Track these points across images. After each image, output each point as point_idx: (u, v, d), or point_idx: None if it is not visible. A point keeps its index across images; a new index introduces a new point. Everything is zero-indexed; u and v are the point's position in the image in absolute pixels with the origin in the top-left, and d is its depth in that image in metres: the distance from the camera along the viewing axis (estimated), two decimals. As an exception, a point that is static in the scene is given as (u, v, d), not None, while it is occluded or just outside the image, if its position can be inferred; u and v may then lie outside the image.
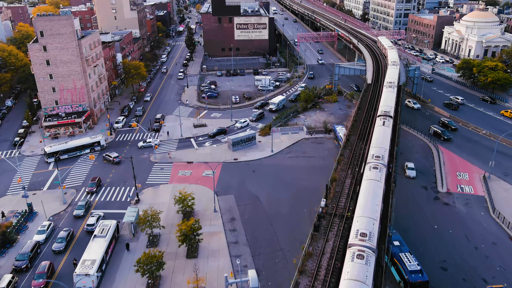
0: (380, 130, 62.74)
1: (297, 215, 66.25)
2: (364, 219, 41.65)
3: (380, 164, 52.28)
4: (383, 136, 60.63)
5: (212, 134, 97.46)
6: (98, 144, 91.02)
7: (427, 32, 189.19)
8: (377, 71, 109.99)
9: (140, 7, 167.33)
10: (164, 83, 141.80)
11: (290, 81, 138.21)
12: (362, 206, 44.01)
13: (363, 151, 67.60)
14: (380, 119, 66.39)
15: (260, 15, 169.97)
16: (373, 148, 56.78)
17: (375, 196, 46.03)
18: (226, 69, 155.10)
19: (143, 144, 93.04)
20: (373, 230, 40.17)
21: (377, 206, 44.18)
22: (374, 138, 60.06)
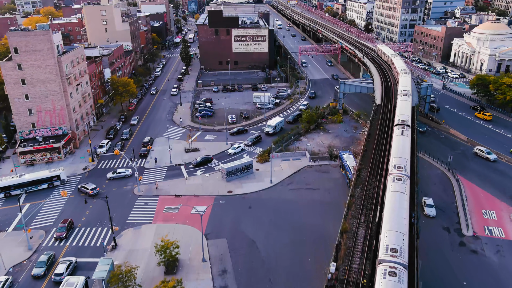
0: (399, 140, 60.81)
1: (300, 267, 56.13)
2: (392, 233, 40.35)
3: (403, 175, 50.79)
4: (403, 146, 58.84)
5: (195, 164, 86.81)
6: (58, 178, 79.45)
7: (435, 44, 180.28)
8: (386, 90, 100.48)
9: (132, 18, 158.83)
10: (156, 100, 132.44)
11: (291, 98, 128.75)
12: (389, 219, 42.67)
13: (377, 190, 57.74)
14: (398, 128, 64.66)
15: (260, 27, 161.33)
16: (394, 158, 55.09)
17: (401, 208, 44.52)
18: (223, 84, 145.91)
19: (112, 175, 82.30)
20: (403, 245, 38.96)
21: (404, 220, 42.88)
22: (394, 148, 58.35)
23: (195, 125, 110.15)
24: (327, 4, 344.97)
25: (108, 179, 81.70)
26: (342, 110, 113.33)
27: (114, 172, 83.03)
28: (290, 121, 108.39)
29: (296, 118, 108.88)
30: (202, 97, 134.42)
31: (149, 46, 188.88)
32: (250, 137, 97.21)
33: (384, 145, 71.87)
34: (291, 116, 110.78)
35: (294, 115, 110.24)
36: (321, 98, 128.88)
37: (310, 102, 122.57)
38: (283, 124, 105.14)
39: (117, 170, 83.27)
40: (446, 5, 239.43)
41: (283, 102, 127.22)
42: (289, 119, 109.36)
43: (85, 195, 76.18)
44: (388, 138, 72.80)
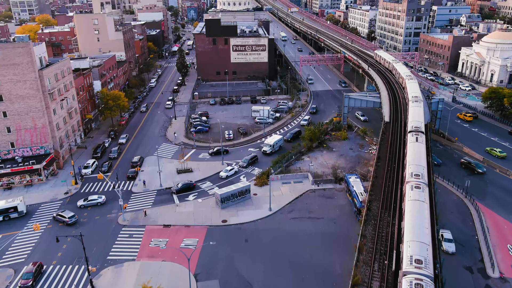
0: (414, 147, 59.96)
1: (302, 319, 48.52)
2: (415, 243, 39.52)
3: (422, 183, 50.01)
4: (419, 154, 57.86)
5: (175, 190, 78.02)
6: (15, 210, 70.03)
7: (441, 54, 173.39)
8: (394, 105, 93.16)
9: (127, 27, 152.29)
10: (149, 114, 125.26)
11: (292, 112, 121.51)
12: (411, 229, 41.77)
13: (391, 228, 50.23)
14: (412, 135, 64.03)
15: (259, 36, 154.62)
16: (410, 166, 54.27)
17: (422, 218, 43.65)
18: (221, 96, 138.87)
19: (83, 202, 73.88)
20: (428, 256, 38.24)
21: (426, 229, 42.01)
22: (410, 156, 57.44)
23: (189, 142, 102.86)
24: (329, 11, 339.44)
25: (78, 207, 73.68)
26: (346, 125, 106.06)
27: (85, 199, 74.95)
28: (288, 140, 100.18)
29: (295, 136, 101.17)
30: (198, 110, 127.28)
31: (145, 56, 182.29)
32: (245, 158, 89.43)
33: (397, 169, 64.44)
34: (289, 134, 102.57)
35: (293, 133, 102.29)
36: (324, 112, 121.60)
37: (312, 117, 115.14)
38: (282, 143, 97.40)
39: (89, 197, 75.19)
40: (451, 13, 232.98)
41: (284, 116, 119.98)
42: (287, 138, 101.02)
43: (62, 224, 68.71)
44: (401, 163, 65.38)
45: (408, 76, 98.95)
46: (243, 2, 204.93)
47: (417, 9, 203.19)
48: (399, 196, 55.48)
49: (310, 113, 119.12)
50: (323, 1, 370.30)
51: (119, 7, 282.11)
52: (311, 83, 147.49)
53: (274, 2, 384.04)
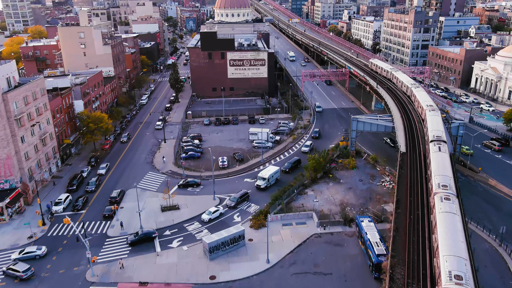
0: (437, 156, 59.48)
1: None
2: (453, 258, 38.08)
3: (451, 194, 49.34)
4: (443, 163, 57.12)
5: (131, 242, 65.17)
6: None
7: (452, 68, 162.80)
8: (409, 129, 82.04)
9: (116, 40, 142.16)
10: (137, 136, 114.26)
11: (293, 135, 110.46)
12: (446, 243, 40.34)
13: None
14: (434, 144, 63.76)
15: (258, 50, 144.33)
16: (436, 176, 53.40)
17: (456, 231, 42.56)
18: (216, 115, 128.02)
19: (18, 255, 61.50)
20: (467, 272, 36.70)
21: (462, 243, 40.89)
22: (434, 166, 56.63)
23: (178, 171, 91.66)
24: (331, 22, 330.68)
25: (13, 260, 61.41)
26: (354, 152, 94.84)
27: (21, 251, 62.60)
28: (287, 171, 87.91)
29: (294, 166, 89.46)
30: (191, 132, 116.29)
31: (137, 70, 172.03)
32: (234, 196, 76.93)
33: (421, 217, 53.03)
34: (288, 163, 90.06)
35: (291, 163, 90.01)
36: (328, 134, 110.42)
37: (315, 142, 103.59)
38: (278, 175, 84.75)
39: (26, 249, 62.82)
40: (459, 24, 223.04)
41: (284, 139, 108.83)
42: (285, 168, 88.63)
43: (17, 280, 57.24)
44: (427, 209, 54.02)
45: (430, 107, 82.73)
46: (242, 14, 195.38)
47: (425, 21, 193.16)
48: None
49: (312, 138, 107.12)
50: (325, 11, 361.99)
51: (114, 18, 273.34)
52: (319, 111, 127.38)
53: (274, 13, 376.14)
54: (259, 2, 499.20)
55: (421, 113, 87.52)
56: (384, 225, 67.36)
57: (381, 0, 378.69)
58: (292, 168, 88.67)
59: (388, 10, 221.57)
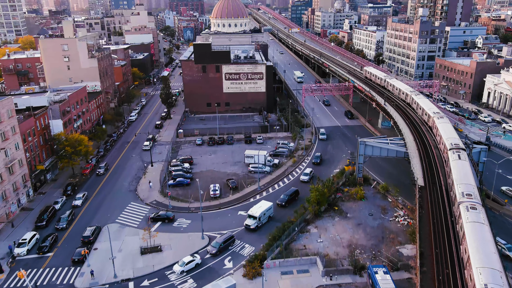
0: (458, 165, 58.31)
1: None
2: (487, 270, 36.74)
3: (476, 203, 47.90)
4: (464, 172, 55.91)
5: None
6: None
7: (462, 81, 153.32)
8: (425, 155, 72.00)
9: (104, 53, 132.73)
10: (122, 158, 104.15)
11: (293, 157, 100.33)
12: (477, 254, 38.87)
13: None
14: (453, 152, 62.53)
15: (256, 63, 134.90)
16: (460, 185, 52.13)
17: (486, 241, 40.97)
18: (210, 134, 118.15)
19: None
20: (504, 285, 35.58)
21: (494, 254, 39.36)
22: (456, 174, 55.39)
23: (164, 202, 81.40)
24: (331, 32, 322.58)
25: None
26: (362, 179, 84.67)
27: None
28: (283, 205, 76.79)
29: (291, 199, 78.32)
30: (181, 153, 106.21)
31: (128, 83, 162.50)
32: (216, 241, 65.52)
33: (453, 277, 42.74)
34: (283, 196, 78.53)
35: (288, 195, 78.54)
36: (332, 157, 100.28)
37: (315, 169, 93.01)
38: (271, 212, 73.16)
39: None
40: (465, 34, 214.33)
41: (284, 162, 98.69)
42: (280, 202, 77.33)
43: None
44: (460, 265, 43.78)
45: (437, 114, 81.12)
46: (239, 24, 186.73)
47: (431, 31, 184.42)
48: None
49: (312, 164, 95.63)
50: (325, 21, 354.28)
51: (109, 28, 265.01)
52: (322, 138, 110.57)
53: (274, 22, 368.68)
54: (258, 11, 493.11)
55: (428, 120, 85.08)
56: (401, 274, 57.16)
57: (383, 10, 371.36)
58: (288, 200, 77.62)
59: (391, 20, 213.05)
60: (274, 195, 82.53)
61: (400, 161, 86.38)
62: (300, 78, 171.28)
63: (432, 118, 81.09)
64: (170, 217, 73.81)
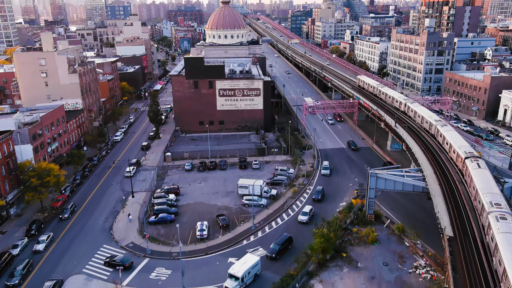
0: (479, 173, 56.63)
1: None
2: None
3: (505, 212, 46.70)
4: (487, 180, 54.70)
5: None
6: None
7: (475, 97, 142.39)
8: (452, 194, 60.49)
9: (87, 67, 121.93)
10: (100, 187, 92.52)
11: (293, 186, 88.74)
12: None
13: None
14: (470, 161, 60.64)
15: (252, 78, 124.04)
16: (486, 194, 50.94)
17: None
18: (201, 157, 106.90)
19: None
20: None
21: None
22: (480, 182, 54.04)
23: (142, 244, 69.66)
24: (332, 43, 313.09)
25: None
26: (373, 216, 73.07)
27: None
28: (273, 257, 63.03)
29: (284, 248, 64.79)
30: (168, 181, 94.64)
31: (116, 99, 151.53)
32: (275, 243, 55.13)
33: None
34: (274, 245, 64.27)
35: (279, 244, 64.24)
36: (336, 187, 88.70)
37: (317, 206, 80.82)
38: (258, 269, 59.34)
39: None
40: (473, 45, 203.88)
41: (283, 192, 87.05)
42: (270, 253, 63.19)
43: None
44: None
45: (439, 122, 77.51)
46: (236, 35, 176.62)
47: (439, 42, 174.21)
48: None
49: (313, 201, 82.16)
50: (325, 31, 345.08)
51: (101, 39, 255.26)
52: (325, 174, 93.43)
53: (273, 32, 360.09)
54: (258, 21, 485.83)
55: (430, 128, 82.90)
56: None
57: (385, 20, 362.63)
58: (280, 251, 64.09)
59: (396, 30, 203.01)
60: (271, 235, 70.81)
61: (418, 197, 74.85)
62: (312, 109, 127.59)
63: (434, 126, 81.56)
64: (126, 264, 62.08)
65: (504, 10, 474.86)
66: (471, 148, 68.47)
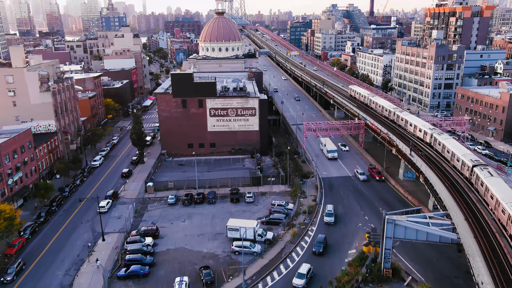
0: (495, 182, 56.86)
1: None
2: None
3: None
4: (506, 189, 54.25)
5: None
6: None
7: (491, 115, 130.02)
8: (492, 252, 47.54)
9: (63, 84, 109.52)
10: (67, 227, 79.17)
11: (293, 227, 75.49)
12: None
13: None
14: (480, 169, 60.71)
15: (247, 97, 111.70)
16: (509, 204, 49.75)
17: None
18: (187, 187, 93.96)
19: None
20: None
21: None
22: (498, 193, 53.40)
23: (106, 309, 56.28)
24: (333, 55, 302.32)
25: None
26: (390, 270, 59.83)
27: None
28: None
29: None
30: (146, 218, 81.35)
31: (98, 118, 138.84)
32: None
33: None
34: None
35: None
36: (344, 227, 75.42)
37: (317, 262, 67.32)
38: None
39: None
40: (482, 58, 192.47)
41: (280, 235, 73.79)
42: None
43: None
44: None
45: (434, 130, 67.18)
46: (231, 48, 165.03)
47: (448, 56, 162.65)
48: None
49: (313, 254, 67.07)
50: (326, 43, 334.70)
51: (91, 51, 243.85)
52: (329, 222, 75.82)
53: (271, 44, 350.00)
54: (256, 32, 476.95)
55: (424, 137, 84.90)
56: None
57: (387, 31, 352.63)
58: None
59: (401, 43, 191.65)
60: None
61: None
62: (333, 153, 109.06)
63: (429, 134, 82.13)
64: None
65: (506, 21, 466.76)
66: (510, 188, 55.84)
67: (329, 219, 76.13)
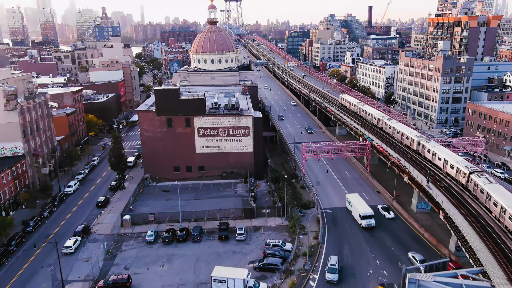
0: (495, 188, 56.23)
1: None
2: None
3: None
4: (508, 193, 54.45)
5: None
6: None
7: (507, 134, 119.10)
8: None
9: (33, 101, 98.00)
10: (23, 273, 66.88)
11: (291, 276, 63.46)
12: None
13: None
14: (477, 176, 60.81)
15: (240, 115, 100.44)
16: None
17: None
18: (170, 219, 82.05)
19: None
20: None
21: None
22: (501, 199, 52.86)
23: None
24: (332, 65, 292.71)
25: None
26: None
27: None
28: None
29: None
30: (118, 262, 69.08)
31: (78, 136, 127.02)
32: None
33: None
34: None
35: None
36: (351, 274, 63.39)
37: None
38: None
39: None
40: (489, 70, 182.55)
41: (276, 285, 61.75)
42: None
43: None
44: None
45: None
46: (224, 59, 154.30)
47: (457, 68, 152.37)
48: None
49: None
50: (324, 53, 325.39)
51: (80, 62, 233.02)
52: (331, 280, 60.61)
53: (269, 54, 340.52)
54: (253, 42, 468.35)
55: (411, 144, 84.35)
56: None
57: (387, 41, 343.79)
58: None
59: (405, 54, 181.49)
60: None
61: None
62: (369, 221, 76.68)
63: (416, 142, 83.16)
64: None
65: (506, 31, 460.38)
66: None
67: (332, 276, 60.74)
